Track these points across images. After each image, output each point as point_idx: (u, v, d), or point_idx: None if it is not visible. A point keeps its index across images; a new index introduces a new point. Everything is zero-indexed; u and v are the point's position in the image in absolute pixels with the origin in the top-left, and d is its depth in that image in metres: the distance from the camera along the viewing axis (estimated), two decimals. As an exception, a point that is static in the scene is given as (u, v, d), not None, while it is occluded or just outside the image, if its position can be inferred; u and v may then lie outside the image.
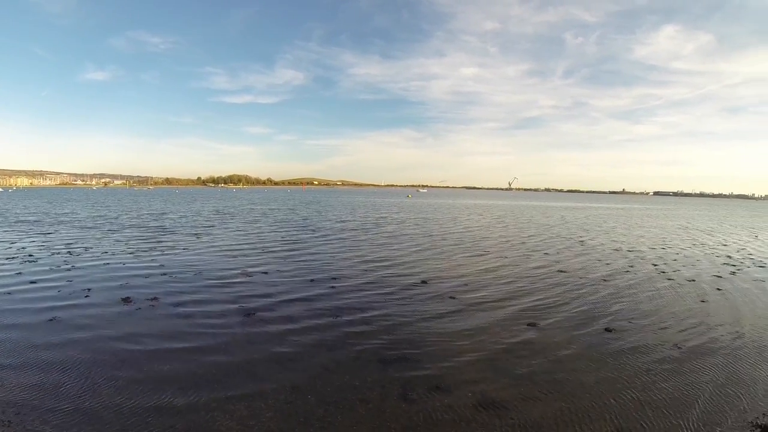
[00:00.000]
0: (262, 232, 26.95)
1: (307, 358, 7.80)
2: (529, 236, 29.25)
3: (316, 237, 25.30)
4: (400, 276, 14.83)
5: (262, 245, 21.31)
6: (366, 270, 15.81)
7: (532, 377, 7.27)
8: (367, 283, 13.66)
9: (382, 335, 9.00)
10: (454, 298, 12.18)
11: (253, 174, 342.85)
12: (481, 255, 20.32)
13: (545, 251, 22.06)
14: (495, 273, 15.97)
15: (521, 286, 13.86)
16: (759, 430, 5.69)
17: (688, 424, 5.87)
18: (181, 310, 10.18)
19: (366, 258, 18.53)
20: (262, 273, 14.66)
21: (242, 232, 26.79)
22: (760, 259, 21.45)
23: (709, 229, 40.80)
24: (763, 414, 6.16)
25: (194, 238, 23.27)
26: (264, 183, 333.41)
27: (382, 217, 42.94)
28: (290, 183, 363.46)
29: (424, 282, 14.00)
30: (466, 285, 13.82)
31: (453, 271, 16.19)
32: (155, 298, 11.11)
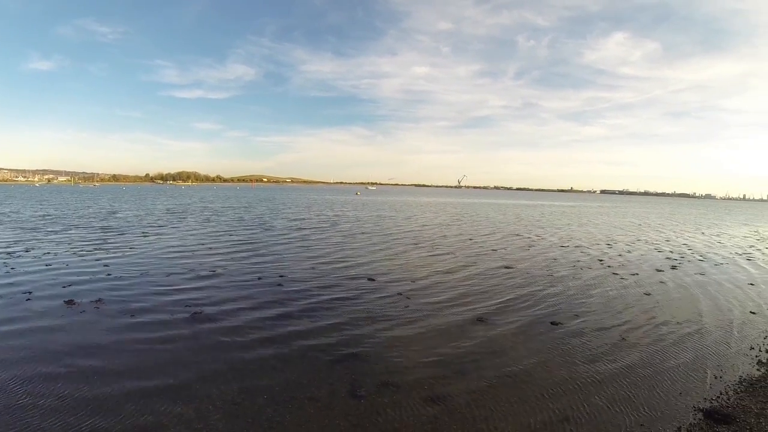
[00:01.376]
0: (213, 232, 27.10)
1: (255, 358, 8.01)
2: (477, 233, 30.91)
3: (267, 235, 25.77)
4: (348, 274, 15.43)
5: (211, 244, 21.54)
6: (315, 268, 16.36)
7: (480, 372, 7.77)
8: (316, 281, 14.14)
9: (331, 333, 9.40)
10: (402, 294, 12.81)
11: (202, 171, 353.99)
12: (430, 252, 21.34)
13: (493, 248, 23.45)
14: (443, 270, 16.84)
15: (469, 283, 14.74)
16: (701, 413, 6.41)
17: (634, 411, 6.54)
18: (126, 311, 10.42)
19: (315, 256, 19.09)
20: (211, 272, 14.95)
21: (192, 231, 26.93)
22: (699, 254, 23.99)
23: (653, 225, 44.88)
24: (704, 398, 6.96)
25: (142, 238, 23.31)
26: (213, 180, 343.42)
27: (336, 215, 43.65)
28: (240, 180, 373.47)
29: (372, 279, 14.64)
30: (414, 282, 14.53)
31: (402, 268, 16.92)
32: (100, 300, 11.24)
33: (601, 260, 20.48)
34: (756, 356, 8.94)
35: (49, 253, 18.26)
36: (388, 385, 7.06)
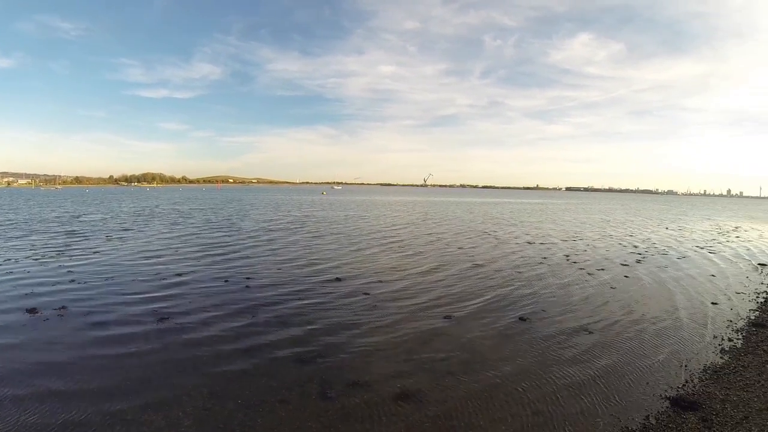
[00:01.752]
0: (180, 235, 26.74)
1: (224, 361, 7.98)
2: (444, 232, 31.35)
3: (233, 237, 25.69)
4: (317, 275, 15.51)
5: (178, 248, 21.31)
6: (282, 270, 16.39)
7: (449, 368, 7.89)
8: (284, 283, 14.21)
9: (299, 335, 9.45)
10: (370, 295, 12.92)
11: (167, 172, 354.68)
12: (398, 252, 21.55)
13: (460, 246, 23.81)
14: (411, 269, 17.03)
15: (436, 280, 14.99)
16: (668, 402, 6.66)
17: (604, 402, 6.74)
18: (91, 318, 10.33)
19: (283, 257, 19.09)
20: (177, 276, 14.84)
21: (159, 235, 26.51)
22: (662, 248, 25.02)
23: (618, 221, 46.41)
24: (670, 386, 7.24)
25: (107, 242, 22.92)
26: (179, 181, 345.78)
27: (304, 216, 43.52)
28: (206, 181, 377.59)
29: (339, 280, 14.75)
30: (382, 282, 14.66)
31: (370, 268, 17.05)
32: (64, 308, 11.11)
33: (567, 256, 21.04)
34: (719, 345, 9.34)
35: (9, 259, 17.66)
36: (358, 386, 7.11)
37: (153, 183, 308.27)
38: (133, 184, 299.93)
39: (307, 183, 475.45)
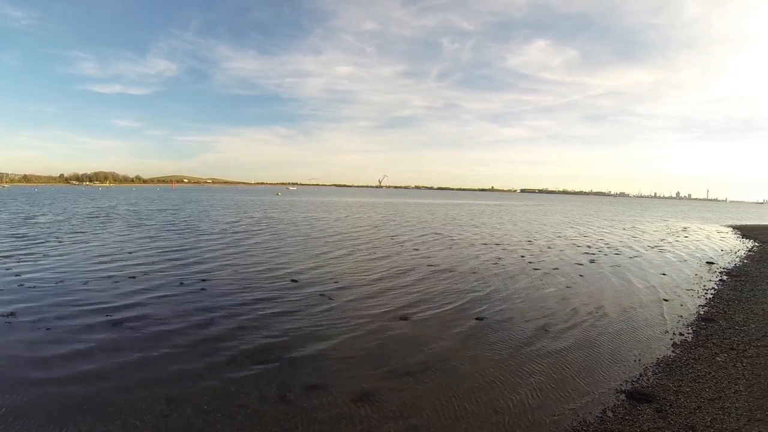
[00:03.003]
0: (134, 237, 26.03)
1: (181, 367, 7.87)
2: (400, 233, 31.80)
3: (188, 239, 25.26)
4: (273, 277, 15.55)
5: (132, 250, 20.83)
6: (238, 271, 16.36)
7: (408, 369, 8.03)
8: (240, 285, 14.20)
9: (256, 337, 9.46)
10: (325, 296, 13.02)
11: (120, 171, 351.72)
12: (354, 252, 21.76)
13: (416, 247, 24.22)
14: (366, 270, 17.23)
15: (393, 282, 15.17)
16: (624, 395, 7.02)
17: (562, 397, 7.03)
18: (41, 324, 10.06)
19: (239, 259, 19.05)
20: (131, 279, 14.58)
21: (113, 237, 25.79)
22: (616, 248, 26.31)
23: (572, 222, 48.47)
24: (625, 381, 7.63)
25: (58, 245, 21.97)
26: (132, 181, 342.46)
27: (261, 217, 42.98)
28: (160, 181, 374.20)
29: (295, 281, 14.78)
30: (337, 283, 14.80)
31: (326, 269, 17.18)
32: (12, 314, 10.78)
33: (523, 257, 21.72)
34: (671, 339, 9.93)
35: (-49, 265, 16.46)
36: (316, 388, 7.18)
37: (106, 182, 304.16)
38: (85, 183, 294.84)
39: (263, 184, 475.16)
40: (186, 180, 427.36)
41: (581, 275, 17.35)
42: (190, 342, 9.14)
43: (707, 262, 21.70)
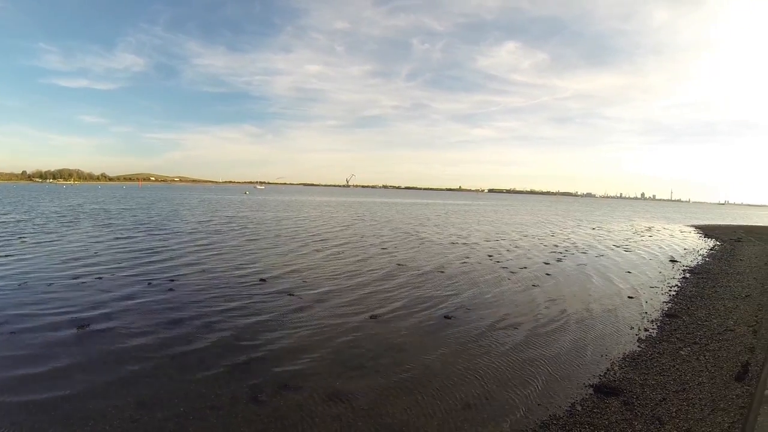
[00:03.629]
0: (101, 236, 25.36)
1: (150, 369, 7.79)
2: (369, 232, 31.88)
3: (156, 239, 24.78)
4: (242, 276, 15.47)
5: (98, 249, 20.34)
6: (207, 271, 16.20)
7: (378, 367, 8.13)
8: (209, 285, 14.07)
9: (226, 338, 9.42)
10: (293, 295, 13.05)
11: (86, 168, 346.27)
12: (323, 252, 21.75)
13: (384, 247, 24.36)
14: (336, 270, 17.27)
15: (361, 281, 15.28)
16: (592, 389, 7.26)
17: (530, 392, 7.22)
18: (4, 329, 9.80)
19: (207, 258, 18.87)
20: (98, 280, 14.25)
21: (80, 237, 24.75)
22: (582, 247, 27.14)
23: (540, 222, 49.57)
24: (593, 375, 7.90)
25: (21, 245, 21.17)
26: (98, 179, 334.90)
27: (231, 217, 42.35)
28: (126, 179, 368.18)
29: (263, 281, 14.77)
30: (306, 282, 14.82)
31: (295, 269, 17.14)
32: None
33: (490, 256, 22.12)
34: (636, 335, 10.31)
35: None
36: (288, 388, 7.20)
37: (70, 180, 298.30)
38: (48, 180, 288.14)
39: (231, 182, 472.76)
40: (153, 178, 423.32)
41: (548, 274, 17.76)
42: (159, 344, 9.04)
43: (671, 261, 22.55)
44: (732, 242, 32.45)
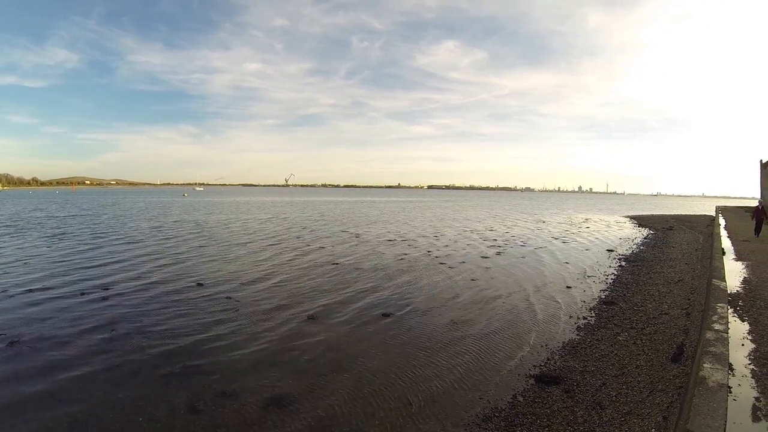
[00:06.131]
0: (27, 245, 23.97)
1: (83, 384, 7.47)
2: (306, 231, 31.81)
3: (88, 246, 23.74)
4: (177, 281, 15.15)
5: (27, 260, 19.23)
6: (141, 277, 15.79)
7: (317, 369, 8.07)
8: (143, 291, 13.77)
9: (162, 346, 9.17)
10: (231, 298, 12.88)
11: (15, 172, 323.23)
12: (259, 252, 21.69)
13: (322, 245, 24.32)
14: (273, 270, 17.13)
15: (299, 282, 15.12)
16: (533, 379, 7.45)
17: (472, 386, 7.32)
18: None
19: (141, 264, 18.45)
20: (28, 293, 13.47)
21: (6, 247, 23.20)
22: (521, 240, 28.06)
23: (479, 217, 50.87)
24: (533, 366, 8.10)
25: None
26: (29, 183, 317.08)
27: (170, 221, 41.06)
28: (60, 183, 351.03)
29: (201, 285, 14.51)
30: (243, 284, 14.64)
31: (231, 271, 16.94)
32: None
33: (429, 251, 22.43)
34: (575, 323, 10.70)
35: None
36: (227, 395, 7.05)
37: None
38: None
39: (169, 184, 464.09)
40: (88, 182, 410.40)
41: (487, 267, 18.17)
42: (93, 356, 8.70)
43: (607, 250, 23.68)
44: (664, 231, 34.55)
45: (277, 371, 8.00)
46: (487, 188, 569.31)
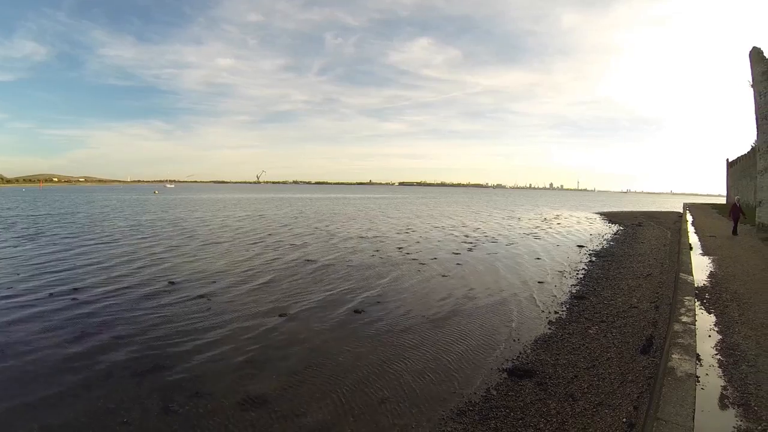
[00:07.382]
0: None
1: (53, 389, 7.29)
2: (278, 229, 31.74)
3: (57, 246, 22.80)
4: (149, 280, 15.02)
5: None
6: (111, 276, 15.51)
7: (291, 367, 8.08)
8: (114, 291, 13.54)
9: (134, 347, 9.07)
10: (203, 297, 12.82)
11: None
12: (231, 250, 21.55)
13: (293, 242, 24.28)
14: (245, 268, 17.06)
15: (270, 279, 15.13)
16: (506, 373, 7.57)
17: (445, 381, 7.43)
18: None
19: (112, 264, 17.96)
20: None
21: None
22: (493, 236, 28.48)
23: (451, 213, 51.42)
24: (506, 360, 8.23)
25: None
26: None
27: (141, 219, 39.86)
28: (26, 180, 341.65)
29: (172, 283, 14.37)
30: (215, 282, 14.56)
31: (203, 269, 16.80)
32: None
33: (400, 248, 22.55)
34: (547, 318, 10.92)
35: None
36: (200, 395, 7.01)
37: None
38: None
39: (139, 182, 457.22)
40: (56, 179, 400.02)
41: (459, 264, 18.37)
42: (61, 360, 8.50)
43: (578, 246, 24.17)
44: (634, 227, 35.41)
45: (251, 370, 8.00)
46: (459, 185, 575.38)
